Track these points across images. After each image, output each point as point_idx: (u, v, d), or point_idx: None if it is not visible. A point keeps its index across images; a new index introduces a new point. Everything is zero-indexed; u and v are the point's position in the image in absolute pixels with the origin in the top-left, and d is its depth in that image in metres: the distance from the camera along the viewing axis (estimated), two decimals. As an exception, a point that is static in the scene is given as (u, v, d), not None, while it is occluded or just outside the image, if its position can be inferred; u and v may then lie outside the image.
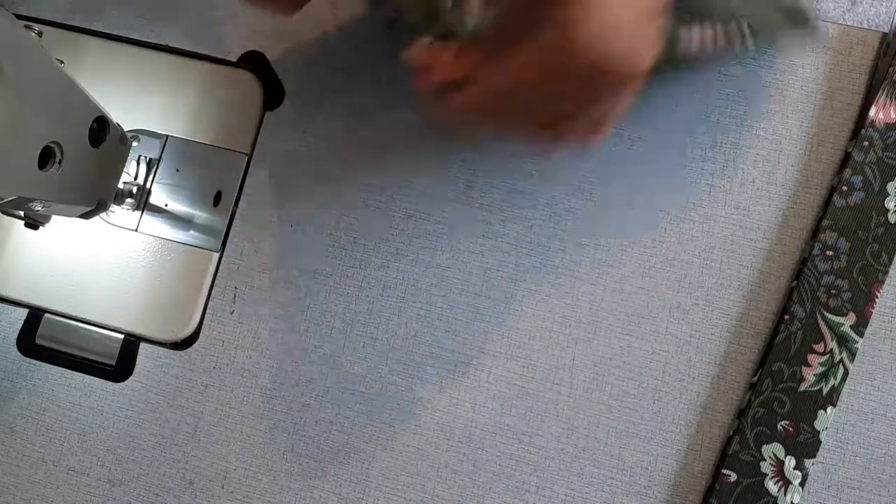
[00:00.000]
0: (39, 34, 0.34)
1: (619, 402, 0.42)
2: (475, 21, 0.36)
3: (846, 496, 0.41)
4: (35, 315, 0.45)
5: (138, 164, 0.45)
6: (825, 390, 0.40)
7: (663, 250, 0.43)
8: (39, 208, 0.35)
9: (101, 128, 0.38)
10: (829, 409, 0.40)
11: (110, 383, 0.44)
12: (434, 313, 0.44)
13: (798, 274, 0.42)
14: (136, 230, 0.45)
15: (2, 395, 0.45)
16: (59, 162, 0.34)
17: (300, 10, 0.38)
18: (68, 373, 0.44)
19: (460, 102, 0.32)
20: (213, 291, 0.45)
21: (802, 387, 0.40)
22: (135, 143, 0.45)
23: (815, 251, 0.41)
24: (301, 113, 0.47)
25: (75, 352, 0.45)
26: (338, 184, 0.46)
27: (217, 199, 0.46)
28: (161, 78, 0.46)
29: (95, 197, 0.40)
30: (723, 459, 0.41)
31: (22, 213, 0.37)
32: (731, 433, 0.41)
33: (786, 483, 0.40)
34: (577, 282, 0.44)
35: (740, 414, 0.41)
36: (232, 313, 0.45)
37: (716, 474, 0.41)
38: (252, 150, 0.46)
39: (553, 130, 0.33)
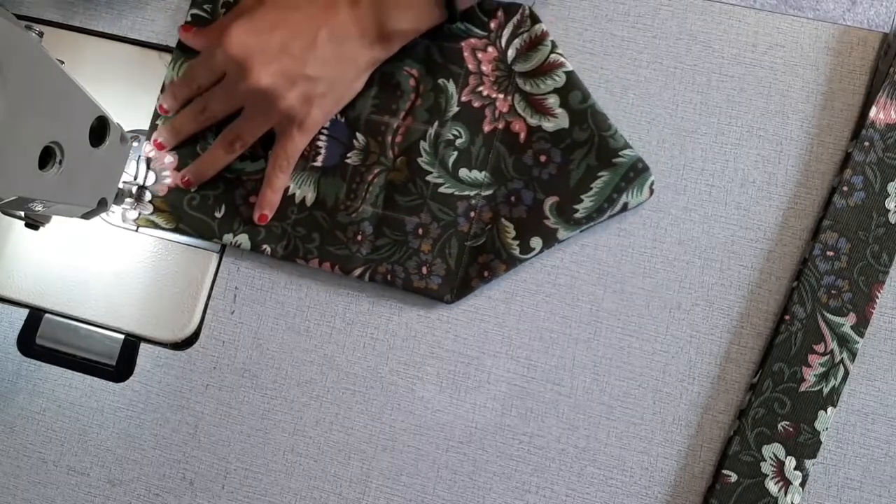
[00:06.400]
0: (40, 34, 0.34)
1: (620, 403, 0.42)
2: None
3: (846, 497, 0.41)
4: (35, 315, 0.45)
5: (138, 164, 0.45)
6: (825, 391, 0.40)
7: (664, 250, 0.43)
8: (39, 208, 0.35)
9: (101, 128, 0.38)
10: (830, 409, 0.40)
11: (110, 383, 0.44)
12: (434, 313, 0.44)
13: (798, 274, 0.42)
14: (136, 230, 0.46)
15: (2, 395, 0.45)
16: (60, 162, 0.34)
17: None
18: (68, 373, 0.44)
19: None
20: (213, 291, 0.45)
21: (803, 387, 0.40)
22: (135, 143, 0.45)
23: (816, 251, 0.41)
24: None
25: (76, 352, 0.45)
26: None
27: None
28: (160, 78, 0.46)
29: (96, 197, 0.40)
30: (723, 460, 0.41)
31: (22, 213, 0.37)
32: (732, 433, 0.41)
33: (786, 483, 0.40)
34: (577, 282, 0.43)
35: (741, 414, 0.41)
36: (232, 313, 0.45)
37: (716, 475, 0.41)
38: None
39: None
